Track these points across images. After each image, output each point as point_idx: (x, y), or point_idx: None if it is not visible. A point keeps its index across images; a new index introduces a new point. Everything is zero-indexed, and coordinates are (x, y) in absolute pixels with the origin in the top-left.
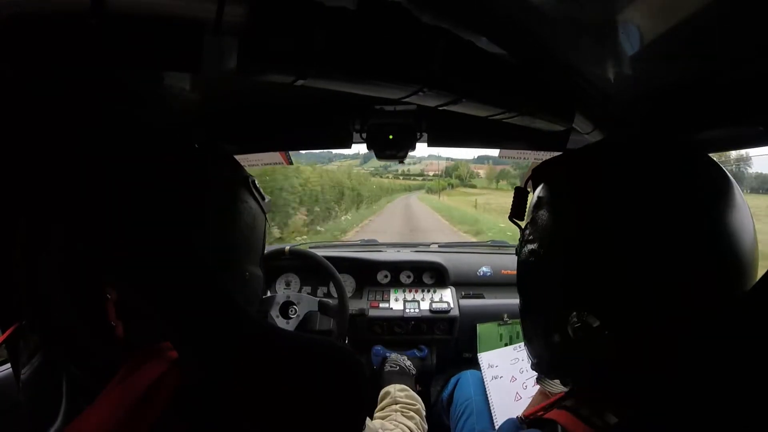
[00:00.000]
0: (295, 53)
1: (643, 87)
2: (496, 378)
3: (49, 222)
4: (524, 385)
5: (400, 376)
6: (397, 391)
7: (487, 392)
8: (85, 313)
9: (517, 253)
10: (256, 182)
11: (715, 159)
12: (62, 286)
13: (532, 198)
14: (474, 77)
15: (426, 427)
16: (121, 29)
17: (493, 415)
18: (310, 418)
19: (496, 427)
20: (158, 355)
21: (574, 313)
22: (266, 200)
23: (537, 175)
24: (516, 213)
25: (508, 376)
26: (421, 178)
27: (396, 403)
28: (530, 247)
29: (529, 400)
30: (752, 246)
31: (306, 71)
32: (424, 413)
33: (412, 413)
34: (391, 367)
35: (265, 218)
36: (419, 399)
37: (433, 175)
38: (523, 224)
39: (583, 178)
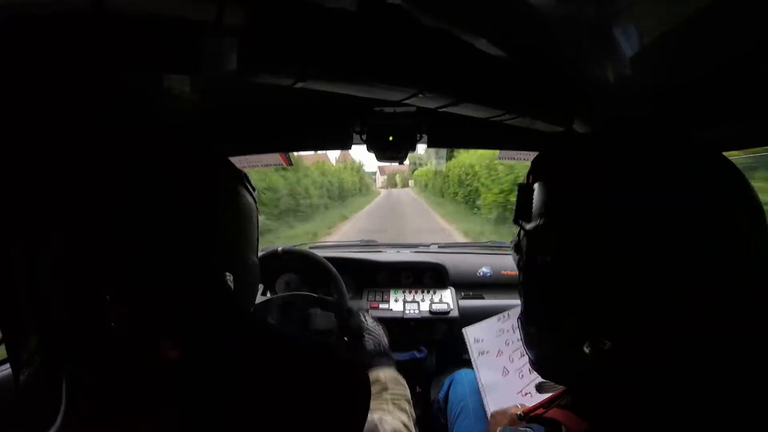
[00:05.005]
0: (295, 55)
1: (643, 87)
2: (482, 354)
3: (49, 222)
4: (511, 358)
5: (381, 358)
6: (388, 381)
7: (475, 370)
8: (84, 312)
9: (516, 252)
10: (249, 177)
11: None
12: (61, 286)
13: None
14: (473, 79)
15: (414, 415)
16: (121, 30)
17: (482, 391)
18: (312, 418)
19: (487, 408)
20: (158, 355)
21: (588, 341)
22: (255, 192)
23: (539, 170)
24: (522, 214)
25: (494, 350)
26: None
27: (385, 390)
28: (538, 259)
29: (517, 373)
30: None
31: (306, 73)
32: (411, 400)
33: (403, 402)
34: (372, 342)
35: (257, 210)
36: (406, 384)
37: None
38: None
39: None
